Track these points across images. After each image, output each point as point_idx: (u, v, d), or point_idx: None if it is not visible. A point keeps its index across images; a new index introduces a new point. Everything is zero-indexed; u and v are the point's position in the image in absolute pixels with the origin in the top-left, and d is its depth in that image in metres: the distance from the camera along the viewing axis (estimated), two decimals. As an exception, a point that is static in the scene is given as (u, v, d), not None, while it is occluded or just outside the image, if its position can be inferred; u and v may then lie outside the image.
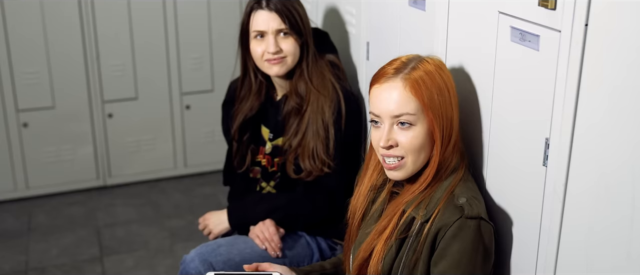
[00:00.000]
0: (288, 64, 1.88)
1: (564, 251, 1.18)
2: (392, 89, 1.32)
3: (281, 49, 1.85)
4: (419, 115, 1.32)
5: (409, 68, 1.33)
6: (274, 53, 1.85)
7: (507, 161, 1.35)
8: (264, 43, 1.85)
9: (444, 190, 1.34)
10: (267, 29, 1.84)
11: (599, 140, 1.06)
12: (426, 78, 1.31)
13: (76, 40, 3.18)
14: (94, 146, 3.37)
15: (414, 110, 1.31)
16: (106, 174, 3.44)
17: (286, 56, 1.86)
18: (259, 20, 1.85)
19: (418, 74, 1.31)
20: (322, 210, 1.94)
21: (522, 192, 1.30)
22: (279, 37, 1.85)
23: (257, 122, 2.03)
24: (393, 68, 1.35)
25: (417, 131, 1.33)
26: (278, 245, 1.88)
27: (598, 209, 1.07)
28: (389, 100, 1.33)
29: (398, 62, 1.36)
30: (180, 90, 3.42)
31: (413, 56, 1.38)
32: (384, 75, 1.35)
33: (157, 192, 3.44)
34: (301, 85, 1.91)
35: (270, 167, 2.02)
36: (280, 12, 1.83)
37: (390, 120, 1.34)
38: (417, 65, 1.33)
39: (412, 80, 1.31)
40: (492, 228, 1.31)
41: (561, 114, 1.14)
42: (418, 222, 1.34)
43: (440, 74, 1.34)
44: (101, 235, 3.02)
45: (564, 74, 1.12)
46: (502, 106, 1.34)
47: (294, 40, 1.86)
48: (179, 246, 2.92)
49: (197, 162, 3.57)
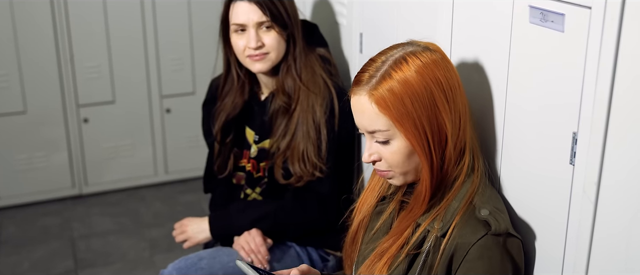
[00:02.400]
0: (271, 60, 1.74)
1: (597, 264, 1.03)
2: (361, 103, 1.18)
3: (263, 43, 1.72)
4: (393, 130, 1.17)
5: (378, 76, 1.16)
6: (255, 48, 1.71)
7: (526, 161, 1.20)
8: (245, 37, 1.72)
9: (462, 199, 1.20)
10: (247, 21, 1.70)
11: (638, 132, 0.92)
12: (398, 88, 1.14)
13: (48, 40, 3.07)
14: (68, 153, 3.27)
15: (385, 126, 1.17)
16: (82, 182, 3.35)
17: (269, 52, 1.72)
18: (238, 12, 1.71)
19: (387, 86, 1.14)
20: (313, 218, 1.80)
21: (545, 195, 1.15)
22: (261, 30, 1.72)
23: (241, 123, 1.89)
24: (367, 74, 1.18)
25: (395, 146, 1.19)
26: (265, 257, 1.74)
27: (638, 212, 0.93)
28: (361, 115, 1.19)
29: (374, 66, 1.18)
30: (160, 93, 3.34)
31: (396, 51, 1.19)
32: (357, 83, 1.20)
33: (136, 200, 3.36)
34: (289, 83, 1.77)
35: (255, 172, 1.87)
36: (261, 3, 1.69)
37: (369, 134, 1.21)
38: (391, 70, 1.15)
39: (378, 97, 1.15)
40: (521, 242, 1.17)
41: (592, 104, 1.00)
42: (433, 236, 1.19)
43: (428, 72, 1.15)
44: (76, 247, 2.92)
45: (595, 57, 0.98)
46: (519, 99, 1.20)
47: (277, 33, 1.72)
48: (160, 258, 2.83)
49: (178, 168, 3.50)
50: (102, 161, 3.35)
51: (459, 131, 1.20)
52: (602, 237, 1.01)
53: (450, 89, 1.18)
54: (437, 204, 1.21)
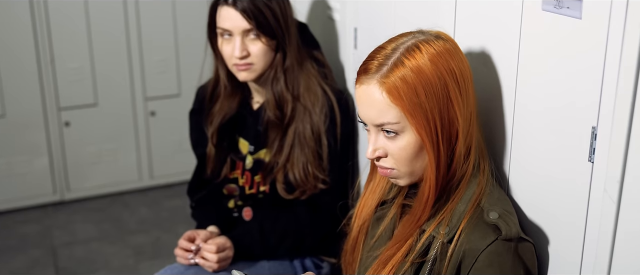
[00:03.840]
0: (257, 71, 1.65)
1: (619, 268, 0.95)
2: (370, 93, 1.10)
3: (249, 52, 1.62)
4: (404, 122, 1.09)
5: (390, 64, 1.08)
6: (240, 58, 1.62)
7: (539, 158, 1.12)
8: (232, 44, 1.62)
9: (468, 201, 1.12)
10: (232, 28, 1.61)
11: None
12: (412, 77, 1.06)
13: (28, 40, 3.02)
14: (49, 158, 3.21)
15: (396, 118, 1.09)
16: (64, 188, 3.28)
17: (254, 63, 1.63)
18: (224, 17, 1.62)
19: (400, 74, 1.07)
20: (325, 229, 1.73)
21: (560, 196, 1.07)
22: (248, 38, 1.62)
23: (233, 134, 1.80)
24: (376, 62, 1.10)
25: (405, 140, 1.10)
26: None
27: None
28: (369, 106, 1.11)
29: (383, 53, 1.11)
30: (144, 96, 3.29)
31: (406, 39, 1.12)
32: (365, 71, 1.11)
33: (120, 206, 3.29)
34: (279, 94, 1.68)
35: (249, 187, 1.78)
36: (246, 10, 1.58)
37: (375, 128, 1.12)
38: (404, 58, 1.08)
39: (390, 85, 1.07)
40: (533, 246, 1.10)
41: (614, 96, 0.92)
42: (439, 242, 1.11)
43: (443, 62, 1.08)
44: (57, 256, 2.83)
45: (618, 45, 0.90)
46: (530, 92, 1.12)
47: (264, 43, 1.62)
48: (145, 265, 2.76)
49: (164, 173, 3.44)
50: (84, 166, 3.29)
51: (469, 127, 1.12)
52: (625, 239, 0.94)
53: (463, 81, 1.10)
54: (442, 208, 1.14)
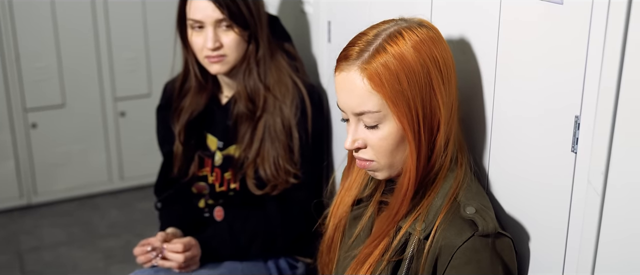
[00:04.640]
0: (230, 63, 1.61)
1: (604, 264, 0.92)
2: (350, 80, 1.06)
3: (222, 44, 1.58)
4: (385, 111, 1.05)
5: (372, 50, 1.05)
6: (213, 49, 1.57)
7: (520, 150, 1.09)
8: (203, 36, 1.58)
9: (444, 196, 1.08)
10: (204, 19, 1.57)
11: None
12: (394, 64, 1.03)
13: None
14: (15, 160, 3.13)
15: (377, 106, 1.05)
16: (30, 192, 3.21)
17: (226, 54, 1.59)
18: (195, 7, 1.58)
19: (382, 61, 1.03)
20: (298, 228, 1.68)
21: (541, 188, 1.04)
22: (220, 29, 1.58)
23: (201, 131, 1.74)
24: (358, 48, 1.07)
25: (386, 130, 1.07)
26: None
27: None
28: (349, 93, 1.07)
29: (365, 39, 1.07)
30: (114, 96, 3.23)
31: (388, 26, 1.09)
32: (345, 58, 1.08)
33: (89, 209, 3.22)
34: (252, 87, 1.64)
35: (219, 185, 1.73)
36: (218, 0, 1.55)
37: (355, 117, 1.08)
38: (386, 44, 1.05)
39: (372, 72, 1.04)
40: (511, 241, 1.06)
41: (597, 84, 0.89)
42: (415, 239, 1.07)
43: (426, 49, 1.05)
44: (24, 261, 2.76)
45: (601, 31, 0.87)
46: (510, 81, 1.09)
47: (237, 34, 1.58)
48: (115, 268, 2.71)
49: (135, 175, 3.38)
50: (52, 169, 3.21)
51: (450, 118, 1.08)
52: (610, 232, 0.90)
53: (446, 69, 1.07)
54: (418, 203, 1.10)
